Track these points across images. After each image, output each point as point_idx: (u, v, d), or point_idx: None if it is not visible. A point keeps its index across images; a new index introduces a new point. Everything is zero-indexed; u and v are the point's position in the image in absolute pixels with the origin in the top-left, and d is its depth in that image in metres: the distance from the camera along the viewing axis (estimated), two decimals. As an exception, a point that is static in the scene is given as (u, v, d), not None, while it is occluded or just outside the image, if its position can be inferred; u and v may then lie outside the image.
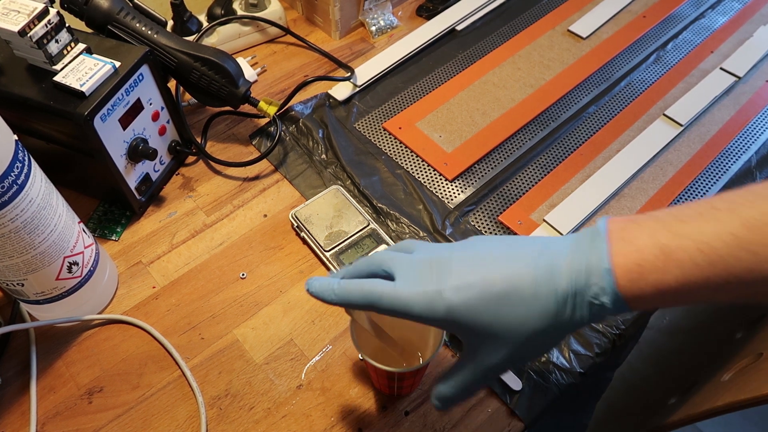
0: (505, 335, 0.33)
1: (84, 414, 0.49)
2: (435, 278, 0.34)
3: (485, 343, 0.34)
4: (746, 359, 0.78)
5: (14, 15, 0.48)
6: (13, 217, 0.42)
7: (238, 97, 0.63)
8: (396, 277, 0.35)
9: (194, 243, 0.60)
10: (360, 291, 0.35)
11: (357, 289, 0.35)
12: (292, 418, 0.49)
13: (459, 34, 0.81)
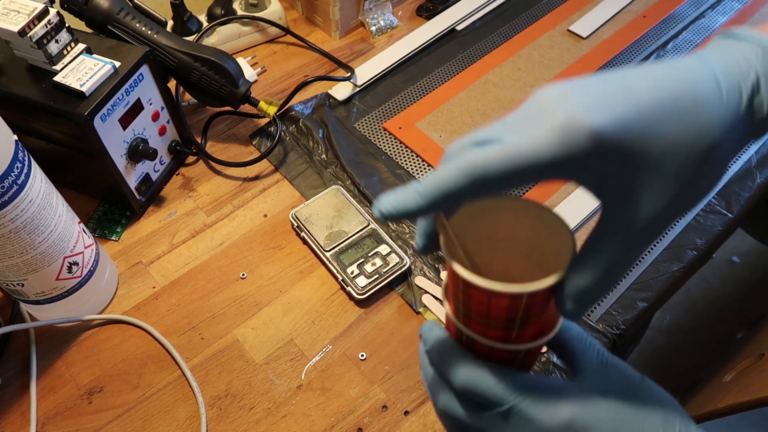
0: (680, 151, 0.23)
1: (84, 414, 0.49)
2: (553, 112, 0.23)
3: (647, 177, 0.24)
4: (747, 360, 0.78)
5: (14, 15, 0.48)
6: (13, 218, 0.42)
7: (238, 97, 0.63)
8: (500, 137, 0.25)
9: (194, 243, 0.60)
10: (457, 170, 0.24)
11: (451, 170, 0.24)
12: (292, 418, 0.49)
13: (459, 34, 0.80)
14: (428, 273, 0.57)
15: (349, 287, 0.55)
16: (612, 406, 0.28)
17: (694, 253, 0.59)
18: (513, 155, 0.23)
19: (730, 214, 0.62)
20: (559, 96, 0.24)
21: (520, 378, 0.29)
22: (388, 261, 0.56)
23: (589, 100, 0.23)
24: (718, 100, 0.24)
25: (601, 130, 0.23)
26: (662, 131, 0.23)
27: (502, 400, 0.28)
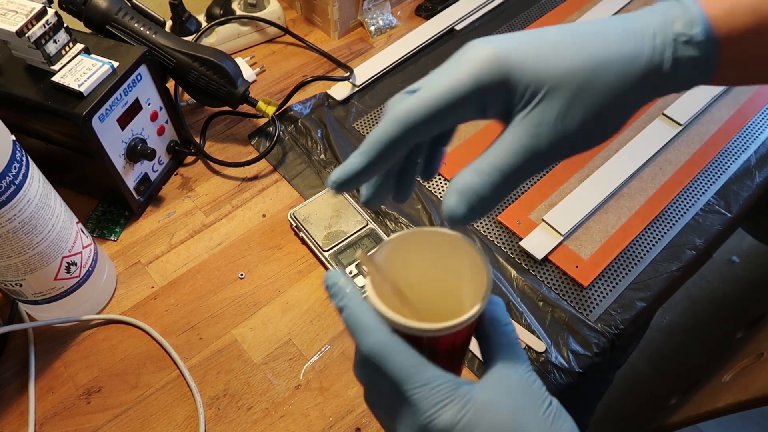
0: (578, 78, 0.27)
1: (82, 414, 0.49)
2: (469, 54, 0.27)
3: (547, 96, 0.27)
4: (747, 359, 0.78)
5: (12, 15, 0.48)
6: (11, 218, 0.42)
7: (237, 97, 0.63)
8: (425, 84, 0.28)
9: (193, 243, 0.60)
10: (388, 122, 0.28)
11: (384, 124, 0.28)
12: (290, 418, 0.49)
13: (458, 34, 0.80)
14: (427, 273, 0.57)
15: (348, 287, 0.54)
16: (499, 421, 0.28)
17: (693, 253, 0.59)
18: (433, 96, 0.27)
19: (729, 213, 0.62)
20: (477, 42, 0.28)
21: (425, 367, 0.28)
22: (387, 261, 0.56)
23: (501, 41, 0.27)
24: (622, 48, 0.27)
25: (506, 55, 0.26)
26: (562, 60, 0.27)
27: (400, 383, 0.28)
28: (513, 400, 0.28)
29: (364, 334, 0.29)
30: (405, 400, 0.28)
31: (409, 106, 0.27)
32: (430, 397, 0.28)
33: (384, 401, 0.30)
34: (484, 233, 0.60)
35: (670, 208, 0.62)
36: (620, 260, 0.58)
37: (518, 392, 0.29)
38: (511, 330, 0.31)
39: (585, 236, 0.59)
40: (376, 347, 0.28)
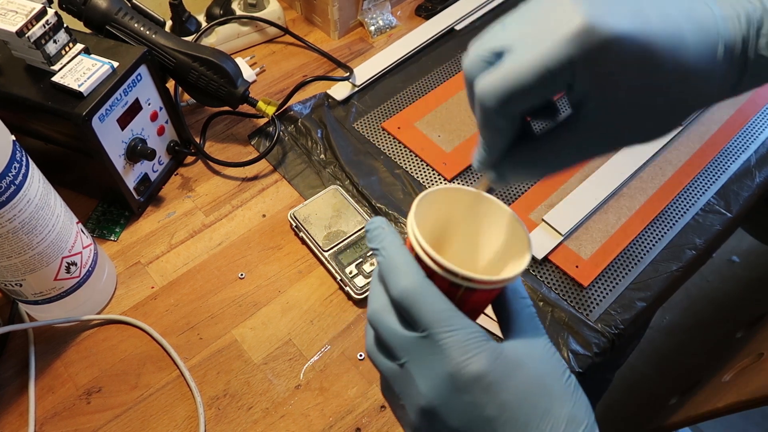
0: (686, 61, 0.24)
1: (82, 414, 0.49)
2: (565, 18, 0.24)
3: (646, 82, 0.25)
4: (747, 359, 0.78)
5: (12, 15, 0.48)
6: (11, 218, 0.42)
7: (237, 97, 0.63)
8: (511, 46, 0.26)
9: (193, 243, 0.60)
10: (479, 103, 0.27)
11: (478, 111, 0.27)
12: (290, 418, 0.49)
13: (458, 34, 0.80)
14: (427, 273, 0.57)
15: (348, 287, 0.54)
16: (528, 379, 0.27)
17: (693, 253, 0.59)
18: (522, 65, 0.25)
19: (729, 213, 0.62)
20: (569, 2, 0.24)
21: (457, 314, 0.28)
22: (387, 261, 0.56)
23: (597, 8, 0.24)
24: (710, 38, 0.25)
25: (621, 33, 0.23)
26: (662, 46, 0.24)
27: (429, 326, 0.27)
28: (538, 365, 0.28)
29: (399, 275, 0.28)
30: (433, 347, 0.27)
31: (490, 86, 0.26)
32: (462, 344, 0.27)
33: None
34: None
35: (670, 208, 0.62)
36: (620, 260, 0.58)
37: (542, 359, 0.29)
38: (530, 303, 0.31)
39: (585, 236, 0.59)
40: (410, 288, 0.28)
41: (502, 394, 0.27)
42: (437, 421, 0.28)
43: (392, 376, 0.30)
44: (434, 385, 0.27)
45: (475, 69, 0.27)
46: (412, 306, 0.28)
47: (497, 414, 0.27)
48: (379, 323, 0.30)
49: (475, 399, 0.27)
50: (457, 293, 0.29)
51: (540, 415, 0.27)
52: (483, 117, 0.27)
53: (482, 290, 0.29)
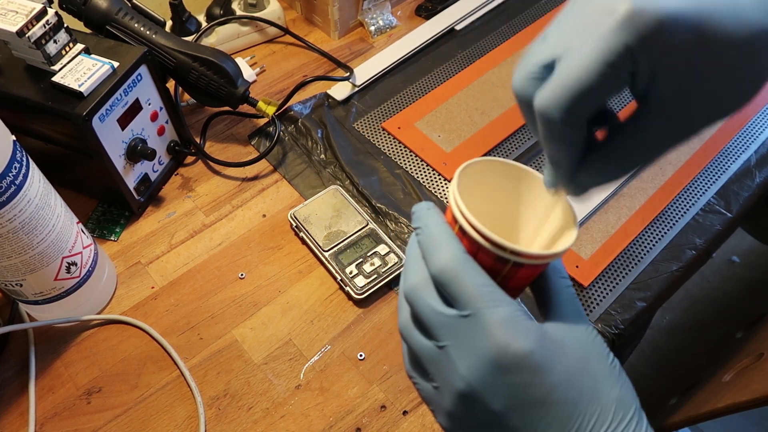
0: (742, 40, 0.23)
1: (82, 414, 0.49)
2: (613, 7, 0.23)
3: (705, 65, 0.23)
4: (747, 359, 0.78)
5: (12, 15, 0.48)
6: (11, 218, 0.42)
7: (237, 97, 0.63)
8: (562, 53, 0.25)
9: (193, 243, 0.60)
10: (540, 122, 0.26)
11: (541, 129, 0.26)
12: (290, 418, 0.49)
13: (458, 34, 0.80)
14: (427, 273, 0.57)
15: (348, 287, 0.55)
16: (574, 360, 0.26)
17: (693, 253, 0.59)
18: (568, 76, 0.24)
19: (729, 213, 0.62)
20: None
21: (499, 291, 0.27)
22: (387, 261, 0.56)
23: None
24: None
25: (672, 14, 0.22)
26: (719, 20, 0.23)
27: (471, 302, 0.26)
28: (581, 346, 0.27)
29: (440, 250, 0.27)
30: (474, 325, 0.26)
31: (551, 97, 0.25)
32: (506, 322, 0.26)
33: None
34: (484, 233, 0.60)
35: (670, 208, 0.62)
36: (620, 260, 0.58)
37: (585, 341, 0.28)
38: (570, 284, 0.30)
39: (585, 236, 0.59)
40: (451, 263, 0.27)
41: (549, 375, 0.25)
42: (477, 404, 0.26)
43: (427, 356, 0.28)
44: (476, 366, 0.26)
45: (529, 87, 0.26)
46: (452, 281, 0.27)
47: (544, 396, 0.25)
48: (417, 299, 0.28)
49: (520, 380, 0.25)
50: (502, 269, 0.28)
51: (588, 397, 0.26)
52: (549, 132, 0.26)
53: (529, 265, 0.28)
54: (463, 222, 0.28)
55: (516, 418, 0.26)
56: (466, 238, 0.28)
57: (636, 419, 0.26)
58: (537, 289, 0.31)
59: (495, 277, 0.27)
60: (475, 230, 0.27)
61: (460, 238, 0.28)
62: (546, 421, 0.26)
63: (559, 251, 0.27)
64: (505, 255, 0.27)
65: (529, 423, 0.26)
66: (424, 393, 0.30)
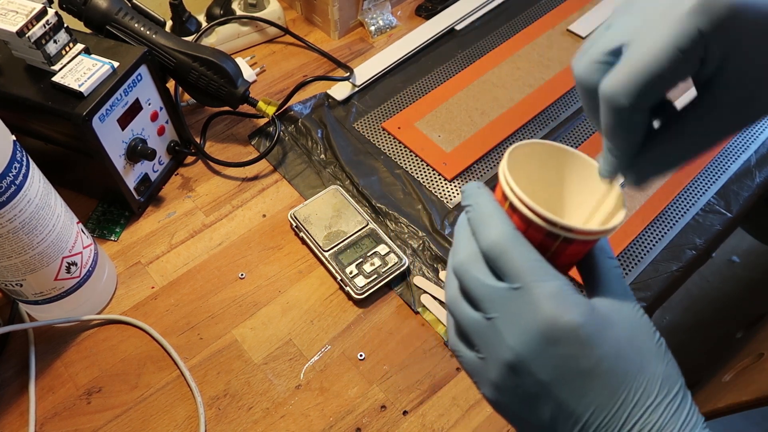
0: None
1: (82, 414, 0.49)
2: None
3: None
4: (747, 359, 0.78)
5: (12, 15, 0.48)
6: (11, 218, 0.42)
7: (237, 97, 0.63)
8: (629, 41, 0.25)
9: (193, 243, 0.60)
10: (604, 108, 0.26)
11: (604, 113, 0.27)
12: (290, 418, 0.49)
13: (458, 34, 0.80)
14: (427, 273, 0.57)
15: (348, 287, 0.55)
16: (622, 334, 0.27)
17: (693, 253, 0.59)
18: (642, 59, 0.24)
19: (729, 213, 0.62)
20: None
21: (548, 266, 0.27)
22: (387, 261, 0.56)
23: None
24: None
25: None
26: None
27: (521, 276, 0.27)
28: (629, 322, 0.28)
29: (491, 226, 0.28)
30: (524, 297, 0.27)
31: (620, 83, 0.25)
32: (556, 295, 0.26)
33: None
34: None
35: (670, 208, 0.62)
36: (620, 260, 0.58)
37: (633, 317, 0.28)
38: (618, 264, 0.31)
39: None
40: (502, 238, 0.27)
41: (597, 348, 0.26)
42: (524, 374, 0.27)
43: (475, 328, 0.29)
44: (524, 337, 0.26)
45: (593, 73, 0.27)
46: (502, 255, 0.27)
47: (592, 367, 0.26)
48: (466, 273, 0.29)
49: (569, 351, 0.26)
50: (552, 245, 0.28)
51: (635, 371, 0.26)
52: (615, 118, 0.26)
53: (579, 242, 0.28)
54: (514, 198, 0.28)
55: (562, 388, 0.26)
56: (517, 214, 0.28)
57: (681, 395, 0.27)
58: (584, 269, 0.31)
59: (544, 254, 0.28)
60: (526, 206, 0.28)
61: (509, 216, 0.29)
62: (593, 392, 0.26)
63: (609, 228, 0.28)
64: (555, 230, 0.28)
65: (576, 393, 0.26)
66: (469, 365, 0.30)
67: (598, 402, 0.26)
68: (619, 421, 0.26)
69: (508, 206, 0.29)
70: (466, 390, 0.50)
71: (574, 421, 0.27)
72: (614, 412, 0.26)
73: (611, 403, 0.26)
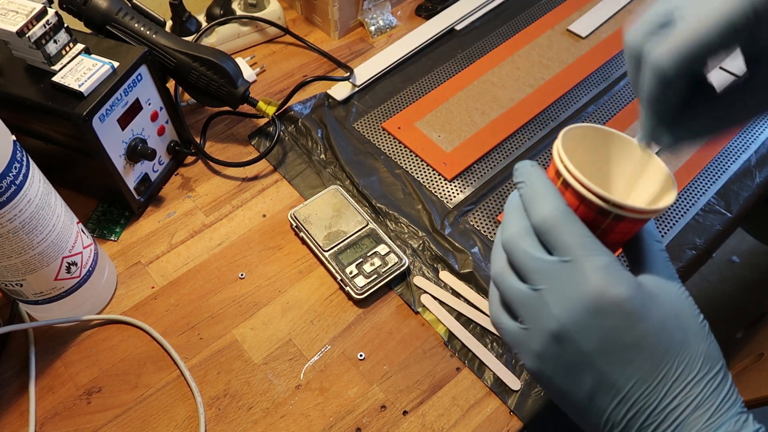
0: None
1: (83, 414, 0.49)
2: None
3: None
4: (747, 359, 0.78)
5: (12, 15, 0.48)
6: (11, 218, 0.42)
7: (237, 97, 0.63)
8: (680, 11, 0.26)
9: (193, 243, 0.60)
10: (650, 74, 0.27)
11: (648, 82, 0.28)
12: (290, 418, 0.49)
13: (458, 34, 0.80)
14: (427, 273, 0.57)
15: (348, 287, 0.55)
16: (666, 311, 0.27)
17: (693, 253, 0.59)
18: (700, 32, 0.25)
19: (729, 213, 0.62)
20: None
21: (598, 242, 0.28)
22: (387, 261, 0.56)
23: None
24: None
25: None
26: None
27: (571, 250, 0.28)
28: (674, 301, 0.28)
29: (543, 201, 0.29)
30: (573, 270, 0.27)
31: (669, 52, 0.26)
32: (604, 269, 0.27)
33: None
34: (485, 233, 0.60)
35: (670, 207, 0.62)
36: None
37: (678, 297, 0.29)
38: (664, 248, 0.32)
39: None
40: (554, 212, 0.28)
41: (642, 322, 0.27)
42: (568, 344, 0.28)
43: (521, 299, 0.30)
44: (571, 308, 0.27)
45: (643, 40, 0.28)
46: (554, 229, 0.28)
47: (637, 340, 0.27)
48: (516, 246, 0.30)
49: (615, 324, 0.27)
50: (602, 223, 0.29)
51: (678, 347, 0.27)
52: (660, 82, 0.27)
53: (629, 219, 0.29)
54: (568, 175, 0.29)
55: (605, 359, 0.27)
56: (569, 191, 0.29)
57: (722, 374, 0.28)
58: (631, 250, 0.32)
59: (594, 231, 0.29)
60: (580, 183, 0.29)
61: (562, 193, 0.30)
62: (635, 364, 0.27)
63: (659, 208, 0.29)
64: (607, 207, 0.28)
65: (618, 365, 0.27)
66: (511, 335, 0.31)
67: (640, 374, 0.27)
68: (659, 393, 0.27)
69: (560, 184, 0.30)
70: (466, 390, 0.50)
71: (615, 392, 0.27)
72: (655, 385, 0.27)
73: (653, 376, 0.27)
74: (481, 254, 0.58)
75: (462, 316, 0.54)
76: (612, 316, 0.27)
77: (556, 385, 0.30)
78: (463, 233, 0.60)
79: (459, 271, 0.56)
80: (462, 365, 0.52)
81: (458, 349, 0.52)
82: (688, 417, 0.26)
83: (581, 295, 0.27)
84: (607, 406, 0.28)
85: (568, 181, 0.29)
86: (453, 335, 0.53)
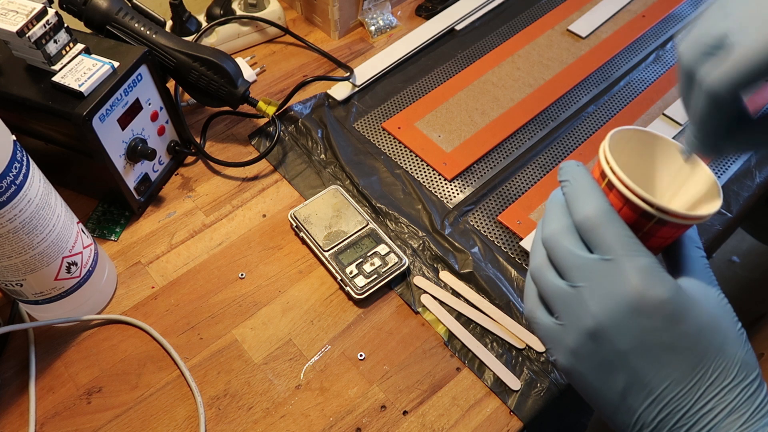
0: None
1: (83, 414, 0.49)
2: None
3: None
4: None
5: (12, 15, 0.48)
6: (11, 218, 0.42)
7: (237, 97, 0.63)
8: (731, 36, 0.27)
9: (193, 243, 0.60)
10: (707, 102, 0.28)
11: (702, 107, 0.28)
12: (290, 418, 0.49)
13: (458, 34, 0.80)
14: (427, 273, 0.57)
15: (348, 287, 0.55)
16: (705, 316, 0.28)
17: (693, 253, 0.59)
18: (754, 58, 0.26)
19: (729, 213, 0.62)
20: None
21: (640, 243, 0.28)
22: (387, 261, 0.56)
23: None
24: None
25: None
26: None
27: (613, 249, 0.28)
28: (713, 306, 0.29)
29: (588, 200, 0.29)
30: (614, 269, 0.28)
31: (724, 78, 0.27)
32: (646, 270, 0.27)
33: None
34: (484, 233, 0.60)
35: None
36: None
37: (717, 303, 0.29)
38: (705, 255, 0.32)
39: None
40: (597, 211, 0.29)
41: (681, 324, 0.27)
42: (604, 342, 0.28)
43: (559, 295, 0.30)
44: (610, 306, 0.27)
45: (698, 60, 0.28)
46: (596, 228, 0.28)
47: (673, 342, 0.27)
48: (558, 243, 0.30)
49: (652, 324, 0.27)
50: (645, 226, 0.29)
51: (715, 352, 0.27)
52: (714, 105, 0.28)
53: (672, 224, 0.29)
54: (613, 177, 0.30)
55: (641, 359, 0.27)
56: (613, 193, 0.30)
57: (758, 383, 0.28)
58: (672, 257, 0.32)
59: (636, 233, 0.29)
60: (625, 185, 0.29)
61: (606, 194, 0.30)
62: (671, 365, 0.27)
63: (704, 214, 0.29)
64: (651, 210, 0.29)
65: (653, 365, 0.27)
66: (545, 331, 0.31)
67: (675, 376, 0.27)
68: (693, 396, 0.27)
69: (605, 184, 0.30)
70: (466, 390, 0.50)
71: (648, 392, 0.27)
72: (689, 388, 0.27)
73: (687, 379, 0.27)
74: (481, 254, 0.58)
75: (462, 316, 0.54)
76: (650, 317, 0.27)
77: (588, 383, 0.30)
78: (463, 233, 0.60)
79: (459, 271, 0.57)
80: (462, 365, 0.52)
81: (458, 349, 0.52)
82: (721, 421, 0.26)
83: (621, 294, 0.27)
84: (639, 406, 0.28)
85: (613, 182, 0.30)
86: (453, 335, 0.53)
